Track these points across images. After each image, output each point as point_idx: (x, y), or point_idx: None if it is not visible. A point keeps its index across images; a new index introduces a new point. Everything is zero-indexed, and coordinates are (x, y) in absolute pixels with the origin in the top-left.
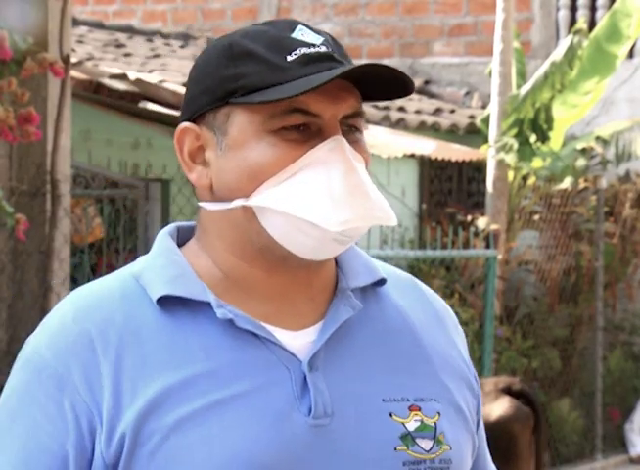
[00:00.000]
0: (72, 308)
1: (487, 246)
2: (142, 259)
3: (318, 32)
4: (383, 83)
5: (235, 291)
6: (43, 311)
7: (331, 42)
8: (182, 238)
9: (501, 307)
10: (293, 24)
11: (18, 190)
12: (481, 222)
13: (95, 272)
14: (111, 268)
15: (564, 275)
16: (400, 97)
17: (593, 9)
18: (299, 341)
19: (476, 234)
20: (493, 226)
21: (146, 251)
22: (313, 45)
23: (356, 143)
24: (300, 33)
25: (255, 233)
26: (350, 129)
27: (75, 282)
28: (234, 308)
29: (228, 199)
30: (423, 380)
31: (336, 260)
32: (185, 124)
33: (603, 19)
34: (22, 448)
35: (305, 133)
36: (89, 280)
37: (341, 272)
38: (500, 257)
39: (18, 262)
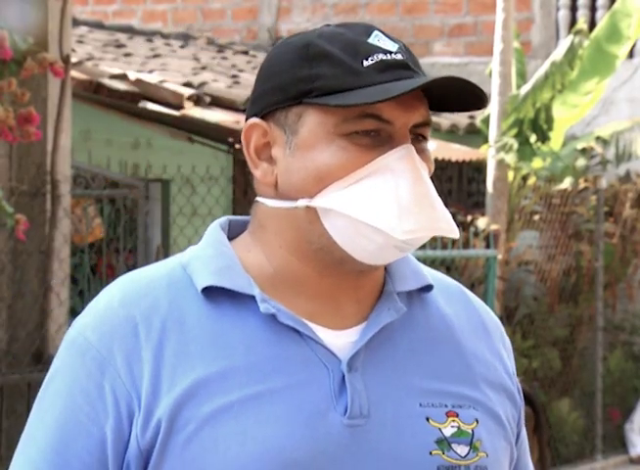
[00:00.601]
0: (119, 293)
1: (487, 246)
2: (192, 249)
3: (393, 39)
4: (455, 95)
5: (282, 287)
6: (43, 311)
7: (405, 50)
8: (233, 231)
9: (501, 308)
10: (369, 29)
11: (18, 190)
12: (481, 222)
13: (95, 272)
14: (111, 268)
15: (564, 275)
16: (470, 110)
17: (593, 9)
18: (341, 340)
19: (476, 234)
20: (493, 226)
21: (146, 250)
22: (390, 52)
23: (423, 152)
24: (376, 39)
25: (316, 234)
26: (417, 138)
27: (75, 282)
28: (277, 304)
29: (292, 198)
30: (462, 387)
31: (385, 265)
32: (254, 120)
33: (603, 19)
34: (61, 428)
35: (375, 139)
36: (89, 280)
37: (388, 275)
38: (500, 257)
39: (18, 262)
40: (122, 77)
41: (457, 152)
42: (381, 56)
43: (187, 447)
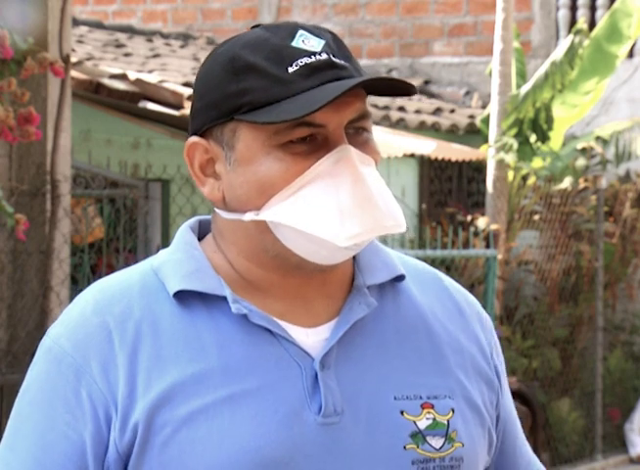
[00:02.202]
0: (93, 300)
1: (487, 246)
2: (163, 252)
3: (319, 34)
4: (387, 85)
5: (250, 289)
6: (43, 311)
7: (332, 44)
8: (203, 231)
9: (501, 307)
10: (293, 30)
11: (18, 190)
12: (481, 222)
13: (95, 272)
14: (111, 268)
15: (564, 275)
16: (402, 96)
17: (593, 9)
18: (313, 338)
19: (476, 234)
20: (493, 226)
21: (146, 250)
22: (314, 53)
23: (364, 144)
24: (301, 39)
25: (270, 243)
26: (357, 131)
27: (75, 282)
28: (249, 304)
29: (240, 211)
30: (437, 377)
31: (354, 257)
32: (193, 139)
33: (603, 18)
34: (41, 437)
35: (312, 144)
36: (89, 280)
37: (358, 269)
38: (500, 257)
39: (18, 262)
40: (122, 77)
41: (457, 152)
42: (305, 59)
43: (164, 450)
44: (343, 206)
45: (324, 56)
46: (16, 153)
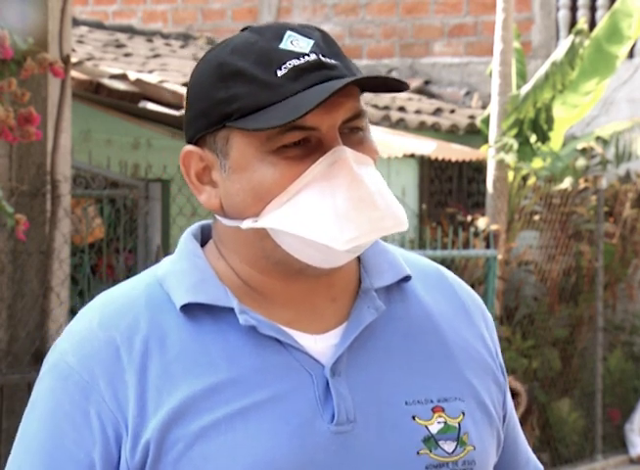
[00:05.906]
0: (98, 314)
1: (487, 246)
2: (167, 261)
3: (308, 34)
4: (379, 82)
5: (256, 295)
6: (43, 311)
7: (321, 43)
8: (206, 237)
9: (501, 308)
10: (281, 31)
11: (18, 190)
12: (482, 222)
13: (95, 273)
14: (111, 269)
15: (564, 275)
16: (397, 92)
17: (593, 9)
18: (322, 344)
19: (476, 234)
20: (493, 226)
21: (146, 251)
22: (302, 54)
23: (361, 144)
24: (289, 41)
25: (270, 249)
26: (352, 130)
27: (75, 282)
28: (256, 314)
29: (239, 218)
30: (447, 380)
31: (359, 258)
32: (188, 148)
33: (603, 19)
34: (49, 456)
35: (306, 147)
36: (89, 280)
37: (364, 271)
38: (500, 257)
39: (18, 262)
40: (122, 77)
41: (457, 152)
42: (293, 61)
43: (177, 467)
44: (340, 209)
45: (312, 57)
46: (16, 153)
